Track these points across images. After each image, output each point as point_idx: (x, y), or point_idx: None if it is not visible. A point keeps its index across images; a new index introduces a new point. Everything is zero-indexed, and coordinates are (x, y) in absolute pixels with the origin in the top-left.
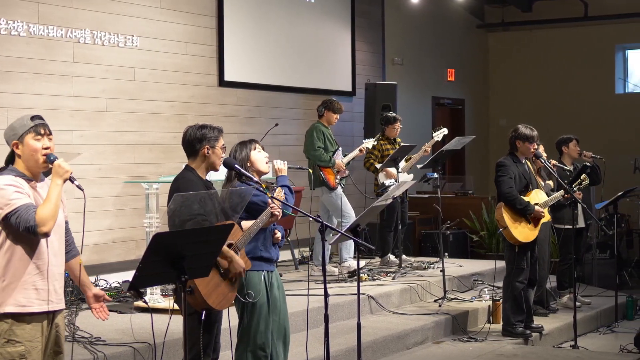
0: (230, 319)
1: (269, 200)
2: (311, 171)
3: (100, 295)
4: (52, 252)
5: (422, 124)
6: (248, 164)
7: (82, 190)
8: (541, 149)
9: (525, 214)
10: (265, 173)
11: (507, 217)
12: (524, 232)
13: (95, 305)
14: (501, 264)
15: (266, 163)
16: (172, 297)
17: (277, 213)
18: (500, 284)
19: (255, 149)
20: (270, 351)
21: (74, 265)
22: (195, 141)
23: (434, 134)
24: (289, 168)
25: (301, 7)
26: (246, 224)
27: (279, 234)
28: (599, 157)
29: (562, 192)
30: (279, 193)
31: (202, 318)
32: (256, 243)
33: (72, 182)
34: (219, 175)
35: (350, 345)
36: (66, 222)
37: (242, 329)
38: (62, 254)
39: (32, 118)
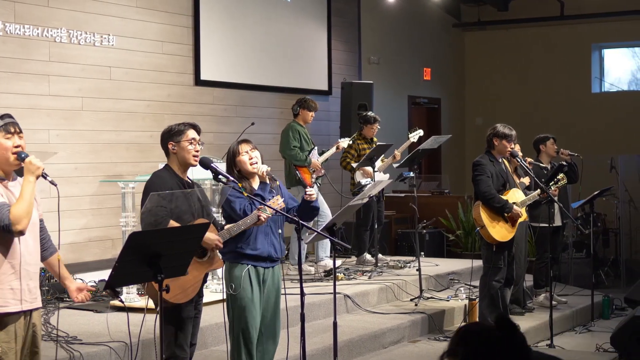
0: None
1: (259, 205)
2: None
3: (83, 287)
4: (26, 251)
5: (398, 123)
6: (238, 167)
7: (56, 185)
8: (517, 148)
9: (503, 212)
10: (252, 173)
11: (484, 216)
12: (501, 232)
13: (80, 298)
14: (478, 263)
15: (251, 164)
16: (145, 293)
17: (263, 218)
18: (476, 283)
19: (240, 152)
20: (261, 347)
21: (53, 261)
22: (162, 141)
23: (410, 135)
24: (268, 175)
25: (277, 6)
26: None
27: (311, 191)
28: (577, 154)
29: (538, 191)
30: (276, 200)
31: (158, 311)
32: (236, 241)
33: (45, 178)
34: (205, 174)
35: (326, 344)
36: (41, 221)
37: (230, 324)
38: (37, 253)
39: (2, 117)
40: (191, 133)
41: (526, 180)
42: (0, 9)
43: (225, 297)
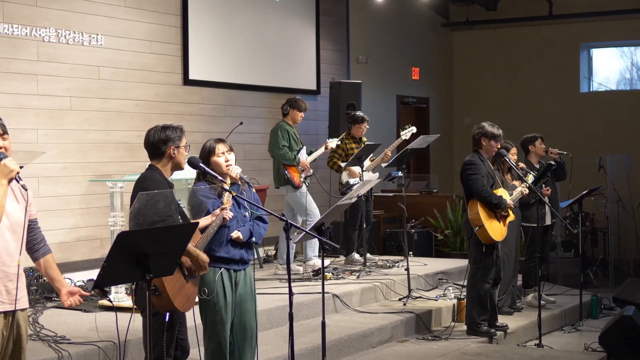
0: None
1: (221, 204)
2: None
3: (75, 291)
4: (5, 252)
5: (387, 122)
6: (211, 167)
7: (27, 190)
8: (514, 151)
9: (500, 207)
10: (224, 174)
11: (483, 216)
12: (497, 231)
13: (70, 302)
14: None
15: (227, 166)
16: (132, 298)
17: (227, 217)
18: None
19: (217, 152)
20: (235, 350)
21: (45, 263)
22: (160, 143)
23: (402, 133)
24: (240, 178)
25: (266, 5)
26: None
27: (236, 234)
28: (566, 152)
29: (521, 188)
30: (228, 198)
31: (167, 319)
32: (209, 244)
33: (18, 181)
34: (181, 174)
35: (314, 343)
36: (34, 221)
37: (203, 328)
38: (18, 254)
39: None
40: (184, 138)
41: (517, 184)
42: None
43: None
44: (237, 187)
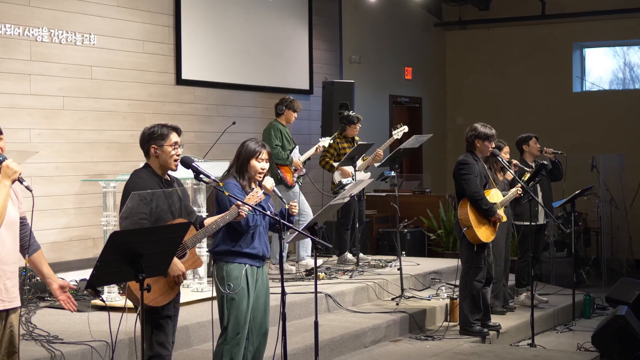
0: (213, 312)
1: (237, 201)
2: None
3: (65, 285)
4: (3, 251)
5: (380, 122)
6: (247, 166)
7: (31, 191)
8: (506, 150)
9: (488, 215)
10: (254, 179)
11: (472, 217)
12: (486, 233)
13: (62, 297)
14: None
15: (258, 174)
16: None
17: (244, 214)
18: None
19: (259, 158)
20: (252, 348)
21: (37, 259)
22: (144, 142)
23: (394, 132)
24: (274, 191)
25: (259, 5)
26: (209, 220)
27: (295, 209)
28: (560, 152)
29: (515, 189)
30: (256, 193)
31: (137, 312)
32: (234, 240)
33: (21, 182)
34: (186, 173)
35: (307, 343)
36: (24, 218)
37: (221, 322)
38: (15, 252)
39: None
40: (174, 137)
41: (508, 176)
42: None
43: (214, 295)
44: (268, 197)
